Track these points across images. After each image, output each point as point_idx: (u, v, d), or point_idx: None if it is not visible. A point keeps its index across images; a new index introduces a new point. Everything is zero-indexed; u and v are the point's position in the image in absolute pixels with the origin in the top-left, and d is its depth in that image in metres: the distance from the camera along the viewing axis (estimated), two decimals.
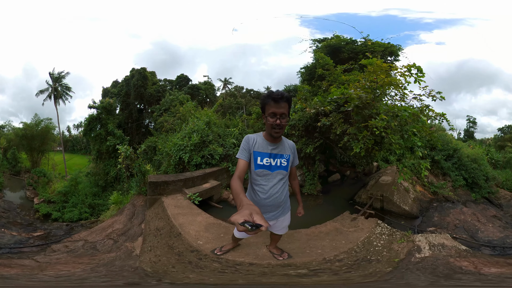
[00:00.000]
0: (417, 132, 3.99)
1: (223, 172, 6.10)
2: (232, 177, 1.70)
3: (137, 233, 3.81)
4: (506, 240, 3.99)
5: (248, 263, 2.55)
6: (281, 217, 2.16)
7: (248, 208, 1.08)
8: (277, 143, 2.00)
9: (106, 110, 16.78)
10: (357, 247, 2.89)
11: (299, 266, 2.52)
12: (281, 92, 1.82)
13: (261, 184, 1.99)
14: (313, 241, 3.04)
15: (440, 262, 2.54)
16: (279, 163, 1.99)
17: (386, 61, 7.53)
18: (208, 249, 2.82)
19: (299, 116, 5.78)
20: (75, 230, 6.74)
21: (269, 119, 1.84)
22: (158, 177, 5.00)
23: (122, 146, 5.84)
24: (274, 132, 1.88)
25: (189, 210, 3.98)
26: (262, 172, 1.97)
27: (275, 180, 1.99)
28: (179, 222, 3.49)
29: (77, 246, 3.69)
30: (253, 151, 1.95)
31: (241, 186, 1.53)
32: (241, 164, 1.85)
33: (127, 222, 4.26)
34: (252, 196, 2.06)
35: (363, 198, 5.29)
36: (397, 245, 2.92)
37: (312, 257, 2.69)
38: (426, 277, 2.31)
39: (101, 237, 3.96)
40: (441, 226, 4.55)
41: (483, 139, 26.58)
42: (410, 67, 4.09)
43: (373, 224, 3.39)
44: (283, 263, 2.56)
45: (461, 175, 6.73)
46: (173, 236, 3.21)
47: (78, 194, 15.34)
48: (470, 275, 2.30)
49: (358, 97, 3.98)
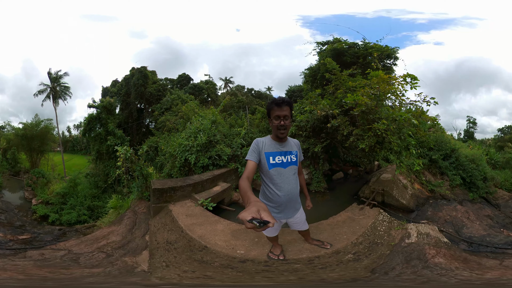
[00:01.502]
0: (412, 134, 4.53)
1: (231, 173, 5.74)
2: (241, 177, 1.79)
3: (140, 246, 3.36)
4: (486, 238, 4.26)
5: (307, 258, 2.78)
6: (296, 214, 2.32)
7: (255, 205, 1.09)
8: (284, 142, 2.20)
9: (106, 109, 16.39)
10: (368, 230, 3.43)
11: (343, 252, 2.92)
12: (283, 97, 2.09)
13: (277, 182, 2.11)
14: (336, 229, 3.49)
15: (418, 248, 2.93)
16: (290, 159, 2.18)
17: (385, 64, 7.95)
18: (258, 256, 2.83)
19: (307, 118, 5.97)
20: (66, 236, 6.34)
21: (274, 121, 2.07)
22: (164, 183, 4.53)
23: (122, 148, 5.29)
24: (280, 133, 2.08)
25: (204, 219, 3.68)
26: (277, 170, 2.11)
27: (289, 175, 2.16)
28: (199, 234, 3.26)
29: (55, 255, 3.28)
30: (264, 152, 2.09)
31: (249, 186, 1.58)
32: (250, 165, 1.96)
33: (127, 234, 3.78)
34: (267, 197, 2.18)
35: (366, 193, 5.58)
36: (394, 231, 3.42)
37: (344, 242, 3.12)
38: (401, 258, 2.75)
39: (91, 249, 3.48)
40: (433, 220, 4.84)
41: (483, 140, 26.94)
42: (405, 76, 4.67)
43: (376, 212, 3.95)
44: (331, 252, 2.90)
45: (458, 175, 6.83)
46: (198, 250, 3.00)
47: (77, 195, 14.95)
48: (423, 261, 2.67)
49: (365, 104, 4.48)
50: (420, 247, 2.92)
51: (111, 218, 5.67)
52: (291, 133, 6.25)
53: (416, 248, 2.91)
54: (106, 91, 24.87)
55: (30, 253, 3.43)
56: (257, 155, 2.04)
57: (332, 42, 8.48)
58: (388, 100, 5.17)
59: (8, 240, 4.74)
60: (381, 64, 7.74)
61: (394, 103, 5.17)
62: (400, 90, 4.77)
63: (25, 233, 6.79)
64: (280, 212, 2.19)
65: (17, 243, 4.65)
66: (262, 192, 2.25)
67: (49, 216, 13.35)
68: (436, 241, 3.11)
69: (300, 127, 6.20)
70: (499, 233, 4.64)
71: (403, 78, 4.68)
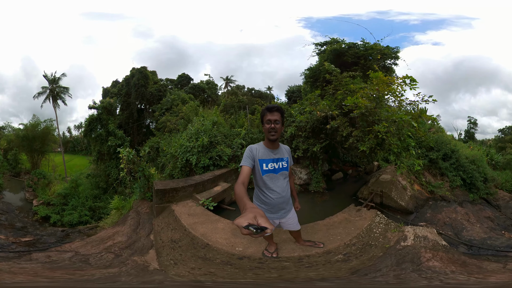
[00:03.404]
0: (411, 135, 4.55)
1: (232, 174, 5.81)
2: (236, 182, 1.81)
3: (146, 246, 3.42)
4: (486, 241, 4.14)
5: (298, 257, 2.84)
6: (288, 215, 2.50)
7: (252, 211, 1.07)
8: (277, 149, 2.36)
9: (107, 110, 16.46)
10: (363, 232, 3.44)
11: (334, 252, 2.95)
12: (274, 104, 2.50)
13: (270, 187, 2.30)
14: (332, 230, 3.53)
15: (414, 251, 2.88)
16: (281, 165, 2.35)
17: (386, 65, 7.91)
18: (254, 253, 2.92)
19: (306, 118, 5.98)
20: (70, 238, 6.33)
21: (265, 125, 2.25)
22: (166, 184, 4.60)
23: (124, 149, 5.33)
24: (270, 135, 2.23)
25: (205, 218, 3.79)
26: (269, 176, 2.30)
27: (280, 179, 2.35)
28: (201, 233, 3.38)
29: (62, 257, 3.29)
30: (258, 159, 2.25)
31: (245, 191, 1.59)
32: (245, 171, 2.05)
33: (132, 234, 3.84)
34: (261, 199, 2.36)
35: (365, 194, 5.57)
36: (390, 234, 3.39)
37: (337, 243, 3.16)
38: (392, 261, 2.72)
39: (98, 250, 3.50)
40: (431, 222, 4.79)
41: (484, 140, 26.88)
42: (404, 78, 4.70)
43: (373, 214, 3.94)
44: (322, 252, 2.94)
45: (458, 176, 6.79)
46: (200, 248, 3.11)
47: (78, 196, 14.98)
48: (416, 265, 2.62)
49: (365, 106, 4.51)
50: (416, 250, 2.89)
51: (114, 219, 5.72)
52: (291, 134, 6.30)
53: (411, 251, 2.90)
54: (107, 92, 24.87)
55: (35, 255, 3.42)
56: (251, 161, 2.18)
57: (330, 42, 8.44)
58: (387, 101, 5.17)
59: (10, 242, 4.72)
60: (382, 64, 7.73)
61: (394, 103, 5.18)
62: (399, 91, 4.80)
63: (28, 235, 6.75)
64: (273, 213, 2.37)
65: (20, 245, 4.68)
66: (256, 194, 2.42)
67: (51, 217, 13.39)
68: (433, 244, 3.07)
69: (299, 128, 6.21)
70: (500, 236, 4.56)
71: (403, 79, 4.72)
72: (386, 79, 4.71)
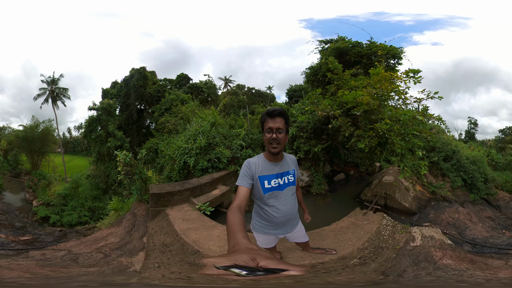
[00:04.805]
0: (417, 134, 4.33)
1: (231, 176, 5.73)
2: (230, 206, 1.40)
3: (137, 248, 3.41)
4: (489, 240, 4.23)
5: (310, 264, 2.73)
6: (295, 229, 2.18)
7: (247, 252, 0.75)
8: (280, 162, 1.93)
9: (106, 111, 16.44)
10: (373, 235, 3.40)
11: (348, 258, 2.87)
12: (276, 108, 1.82)
13: (273, 205, 1.92)
14: (340, 235, 3.43)
15: (424, 250, 2.94)
16: (287, 180, 1.95)
17: (389, 64, 7.79)
18: None
19: (308, 118, 5.90)
20: (67, 237, 6.51)
21: (266, 134, 1.79)
22: (161, 187, 4.53)
23: (121, 152, 5.29)
24: (272, 148, 1.79)
25: (201, 224, 3.66)
26: (273, 194, 1.91)
27: (287, 197, 1.96)
28: (193, 239, 3.25)
29: (55, 255, 3.35)
30: (258, 176, 1.83)
31: (240, 220, 1.17)
32: (242, 192, 1.67)
33: (125, 235, 3.83)
34: (262, 216, 1.99)
35: (368, 196, 5.52)
36: (398, 235, 3.42)
37: (349, 249, 3.07)
38: (409, 261, 2.78)
39: (90, 249, 3.56)
40: (435, 222, 4.87)
41: (484, 140, 26.84)
42: (408, 72, 4.57)
43: (380, 217, 3.90)
44: (336, 258, 2.85)
45: (459, 176, 6.83)
46: (190, 254, 3.01)
47: (78, 197, 15.00)
48: (432, 263, 2.69)
49: (367, 103, 4.36)
50: (426, 250, 2.93)
51: (111, 220, 5.70)
52: (292, 135, 6.16)
53: (422, 251, 2.93)
54: (106, 93, 24.83)
55: (32, 253, 3.52)
56: (250, 180, 1.77)
57: (336, 40, 8.35)
58: (391, 100, 5.09)
59: (10, 241, 4.88)
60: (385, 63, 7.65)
61: (398, 102, 5.09)
62: (403, 87, 4.69)
63: (27, 234, 6.94)
64: (277, 229, 2.03)
65: (19, 244, 4.84)
66: (255, 211, 2.05)
67: (50, 217, 13.42)
68: (440, 244, 3.12)
69: (301, 128, 6.14)
70: (501, 235, 4.69)
71: (406, 73, 4.59)
72: (388, 75, 4.56)
